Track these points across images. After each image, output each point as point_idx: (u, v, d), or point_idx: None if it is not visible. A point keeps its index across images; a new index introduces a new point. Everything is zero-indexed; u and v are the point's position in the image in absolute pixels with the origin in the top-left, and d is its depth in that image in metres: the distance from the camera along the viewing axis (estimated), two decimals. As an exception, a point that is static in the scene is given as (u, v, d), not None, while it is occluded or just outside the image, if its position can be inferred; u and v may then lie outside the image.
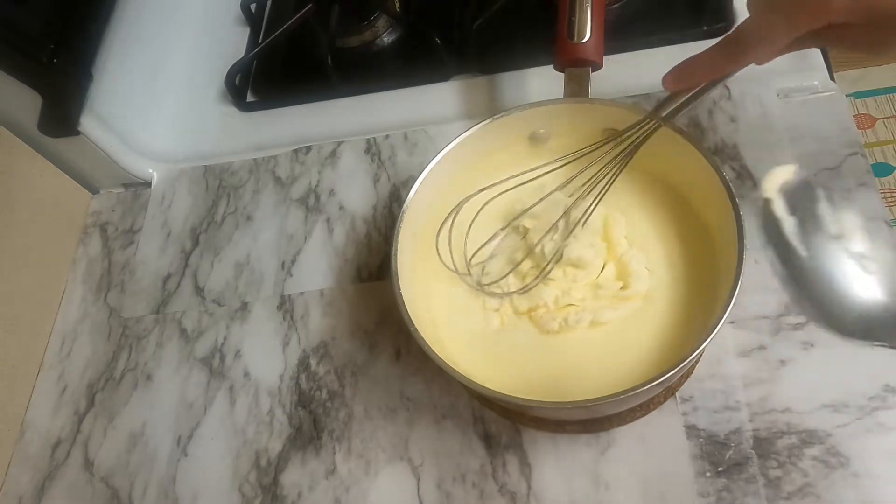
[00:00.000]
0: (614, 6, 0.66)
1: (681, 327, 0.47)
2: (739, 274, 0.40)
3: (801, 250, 0.52)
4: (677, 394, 0.49)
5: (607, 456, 0.48)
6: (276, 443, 0.54)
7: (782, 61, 0.40)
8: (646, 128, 0.46)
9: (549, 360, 0.48)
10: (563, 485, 0.48)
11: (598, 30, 0.52)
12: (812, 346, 0.49)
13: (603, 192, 0.48)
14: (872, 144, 1.57)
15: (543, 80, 0.57)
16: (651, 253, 0.50)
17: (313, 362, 0.56)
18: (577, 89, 0.51)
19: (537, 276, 0.49)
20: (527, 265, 0.50)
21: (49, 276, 0.65)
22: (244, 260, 0.63)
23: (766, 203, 0.54)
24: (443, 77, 0.68)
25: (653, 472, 0.47)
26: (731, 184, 0.44)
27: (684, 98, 0.44)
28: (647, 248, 0.50)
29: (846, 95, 0.58)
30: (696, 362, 0.50)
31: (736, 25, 0.45)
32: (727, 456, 0.47)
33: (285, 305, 0.60)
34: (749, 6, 0.38)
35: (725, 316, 0.39)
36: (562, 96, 0.52)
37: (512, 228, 0.52)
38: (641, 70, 0.62)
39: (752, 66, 0.41)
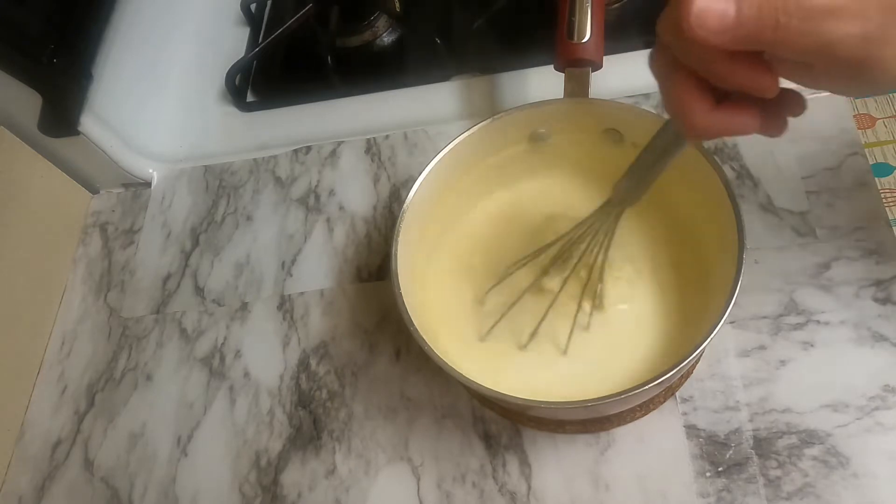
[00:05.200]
0: (614, 6, 0.66)
1: (680, 327, 0.47)
2: (740, 274, 0.40)
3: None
4: (677, 394, 0.49)
5: (607, 456, 0.48)
6: (276, 443, 0.54)
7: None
8: (613, 213, 0.44)
9: (549, 358, 0.48)
10: (562, 485, 0.48)
11: (598, 30, 0.52)
12: (812, 346, 0.49)
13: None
14: (872, 144, 1.57)
15: (543, 80, 0.57)
16: (651, 253, 0.50)
17: (313, 362, 0.56)
18: (577, 89, 0.51)
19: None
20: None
21: (49, 276, 0.65)
22: (244, 260, 0.63)
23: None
24: (443, 77, 0.68)
25: (653, 472, 0.47)
26: (731, 184, 0.44)
27: (637, 176, 0.40)
28: (647, 248, 0.50)
29: (846, 95, 0.58)
30: (696, 362, 0.50)
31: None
32: (727, 456, 0.47)
33: (285, 305, 0.60)
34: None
35: (725, 316, 0.39)
36: (562, 96, 0.52)
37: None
38: (641, 70, 0.62)
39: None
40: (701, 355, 0.48)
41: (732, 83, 0.28)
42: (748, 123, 0.30)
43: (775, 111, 0.30)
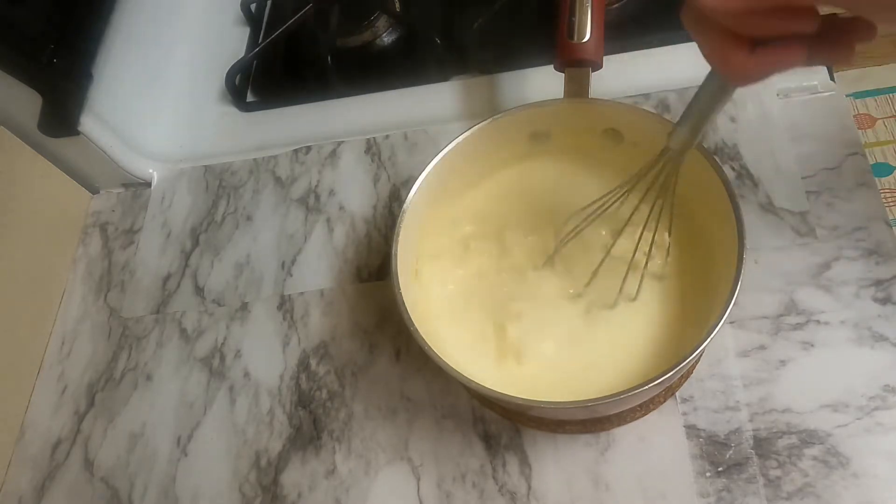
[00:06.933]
0: (614, 6, 0.66)
1: (681, 327, 0.47)
2: (739, 274, 0.40)
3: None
4: (677, 394, 0.49)
5: (607, 456, 0.48)
6: (276, 443, 0.54)
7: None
8: (669, 163, 0.42)
9: (550, 358, 0.48)
10: (563, 485, 0.48)
11: (598, 30, 0.52)
12: (812, 346, 0.49)
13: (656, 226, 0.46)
14: (872, 144, 1.57)
15: (543, 80, 0.57)
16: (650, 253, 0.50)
17: (313, 362, 0.56)
18: (577, 89, 0.51)
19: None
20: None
21: (49, 276, 0.65)
22: (244, 260, 0.63)
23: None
24: (443, 77, 0.68)
25: (653, 472, 0.47)
26: (731, 184, 0.44)
27: (697, 115, 0.38)
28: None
29: (846, 95, 0.58)
30: (696, 362, 0.50)
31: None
32: (727, 456, 0.47)
33: (285, 305, 0.60)
34: None
35: (725, 316, 0.39)
36: (562, 96, 0.52)
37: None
38: (641, 70, 0.62)
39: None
40: (701, 355, 0.48)
41: (766, 33, 0.27)
42: (791, 60, 0.28)
43: (838, 39, 0.28)
